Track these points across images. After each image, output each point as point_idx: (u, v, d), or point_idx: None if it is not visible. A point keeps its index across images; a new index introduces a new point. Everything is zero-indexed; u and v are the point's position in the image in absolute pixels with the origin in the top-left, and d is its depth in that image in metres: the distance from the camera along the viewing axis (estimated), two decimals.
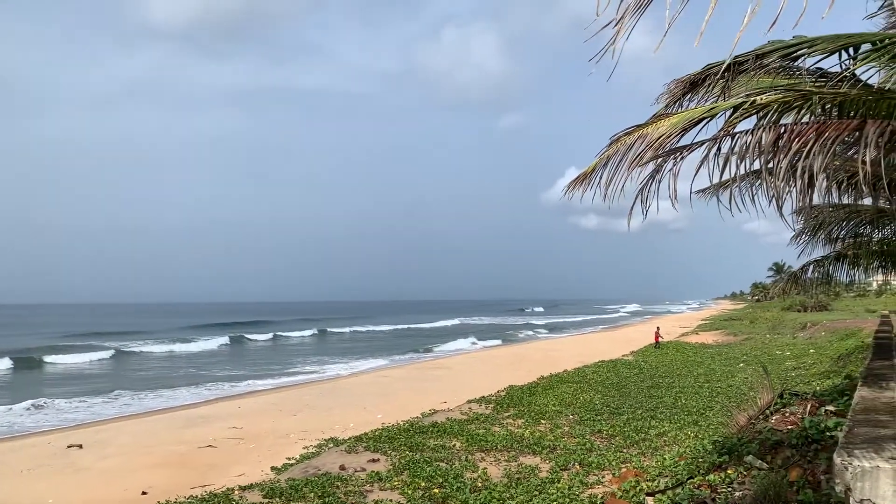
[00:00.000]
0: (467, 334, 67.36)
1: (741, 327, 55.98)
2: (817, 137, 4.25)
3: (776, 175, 4.41)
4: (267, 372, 36.42)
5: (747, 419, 11.63)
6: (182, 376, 35.13)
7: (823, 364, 25.00)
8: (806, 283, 17.15)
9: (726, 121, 5.23)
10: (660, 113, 6.29)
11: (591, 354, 35.58)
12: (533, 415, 17.25)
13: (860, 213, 12.94)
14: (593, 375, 25.39)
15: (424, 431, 15.15)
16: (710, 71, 5.93)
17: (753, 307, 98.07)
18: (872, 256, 15.23)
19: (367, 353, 47.67)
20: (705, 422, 15.98)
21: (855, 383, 11.52)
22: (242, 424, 19.12)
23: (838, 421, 9.14)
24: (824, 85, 5.78)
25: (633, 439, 14.33)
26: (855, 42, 5.45)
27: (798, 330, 46.21)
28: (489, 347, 52.16)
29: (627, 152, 5.24)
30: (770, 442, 9.47)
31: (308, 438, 16.49)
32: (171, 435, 18.14)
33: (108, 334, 71.34)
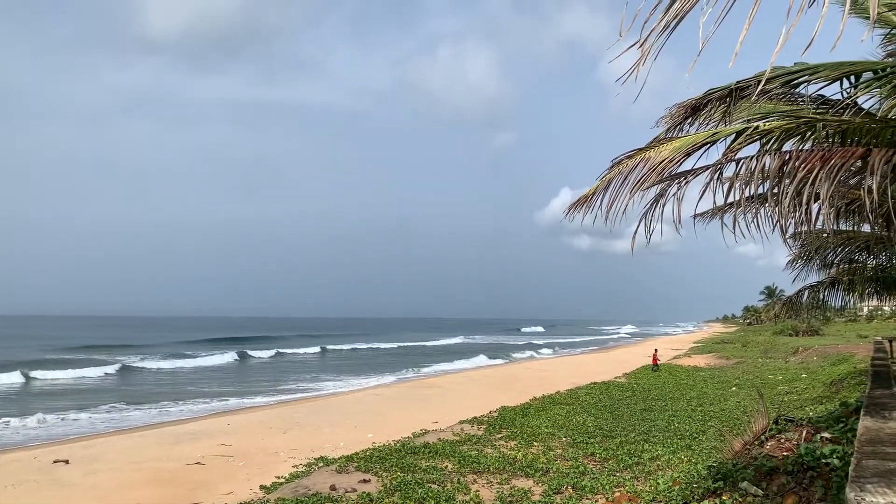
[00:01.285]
0: (475, 352, 67.19)
1: (733, 351, 55.96)
2: (823, 164, 4.23)
3: (782, 201, 4.39)
4: (259, 389, 36.15)
5: (742, 444, 11.56)
6: (171, 392, 34.80)
7: (816, 389, 24.97)
8: (800, 307, 17.19)
9: (728, 146, 5.23)
10: (661, 137, 6.29)
11: (584, 375, 35.46)
12: (526, 436, 17.11)
13: (856, 239, 12.99)
14: (586, 397, 25.27)
15: (416, 452, 15.00)
16: (711, 96, 5.93)
17: (745, 331, 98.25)
18: (867, 283, 15.28)
19: (371, 370, 47.38)
20: (699, 446, 15.89)
21: (850, 410, 11.48)
22: (232, 441, 18.91)
23: (834, 448, 9.08)
24: (826, 112, 5.79)
25: (626, 463, 14.22)
26: (857, 70, 5.46)
27: (790, 354, 46.20)
28: (492, 366, 51.86)
29: (629, 175, 5.22)
30: (765, 468, 9.39)
31: (298, 457, 16.30)
32: (159, 451, 17.91)
33: (96, 348, 70.71)
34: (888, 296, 17.84)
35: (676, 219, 5.03)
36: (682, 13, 2.61)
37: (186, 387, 37.41)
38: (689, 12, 2.61)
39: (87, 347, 71.03)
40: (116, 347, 72.33)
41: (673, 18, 2.64)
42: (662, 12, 2.60)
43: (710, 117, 6.08)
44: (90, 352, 63.96)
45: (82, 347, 71.21)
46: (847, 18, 2.63)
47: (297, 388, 36.75)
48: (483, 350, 74.09)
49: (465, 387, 33.75)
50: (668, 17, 2.61)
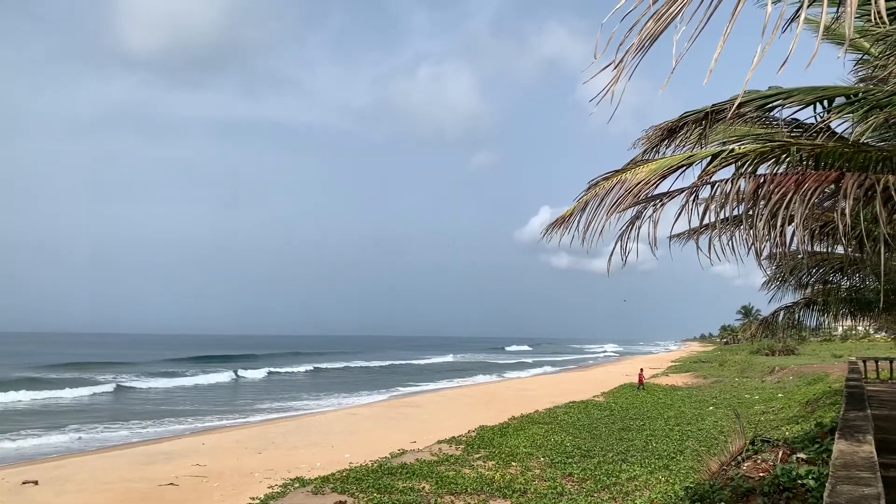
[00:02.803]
0: (468, 370, 66.84)
1: (710, 370, 56.27)
2: (797, 188, 4.27)
3: (756, 223, 4.41)
4: (235, 408, 35.70)
5: (719, 465, 11.58)
6: (145, 411, 34.25)
7: (792, 409, 25.15)
8: (776, 327, 17.34)
9: (704, 169, 5.26)
10: (637, 159, 6.33)
11: (562, 394, 35.44)
12: (504, 456, 17.03)
13: (830, 261, 13.14)
14: (564, 416, 25.25)
15: (393, 473, 14.86)
16: (687, 119, 5.99)
17: (722, 350, 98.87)
18: (841, 303, 15.45)
19: (360, 388, 46.98)
20: (676, 466, 15.90)
21: (825, 431, 11.55)
22: (206, 462, 18.61)
23: (810, 469, 9.12)
24: (800, 136, 5.86)
25: (604, 483, 14.19)
26: (829, 95, 5.54)
27: (766, 374, 46.56)
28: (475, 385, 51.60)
29: (606, 197, 5.23)
30: (742, 489, 9.41)
31: (273, 477, 16.07)
32: (131, 471, 17.59)
33: (70, 366, 69.39)
34: (862, 316, 18.05)
35: (652, 240, 5.05)
36: (655, 33, 2.62)
37: (163, 406, 36.85)
38: (662, 32, 2.62)
39: (65, 366, 69.64)
40: (97, 365, 70.97)
41: (646, 38, 2.65)
42: (637, 33, 2.61)
43: (686, 140, 6.14)
44: (59, 371, 62.65)
45: (60, 366, 69.80)
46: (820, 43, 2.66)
47: (279, 406, 36.33)
48: (476, 369, 73.93)
49: (444, 406, 33.59)
50: (641, 37, 2.62)
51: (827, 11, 2.71)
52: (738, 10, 2.18)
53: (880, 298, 14.10)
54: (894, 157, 4.73)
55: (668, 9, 2.41)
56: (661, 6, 2.41)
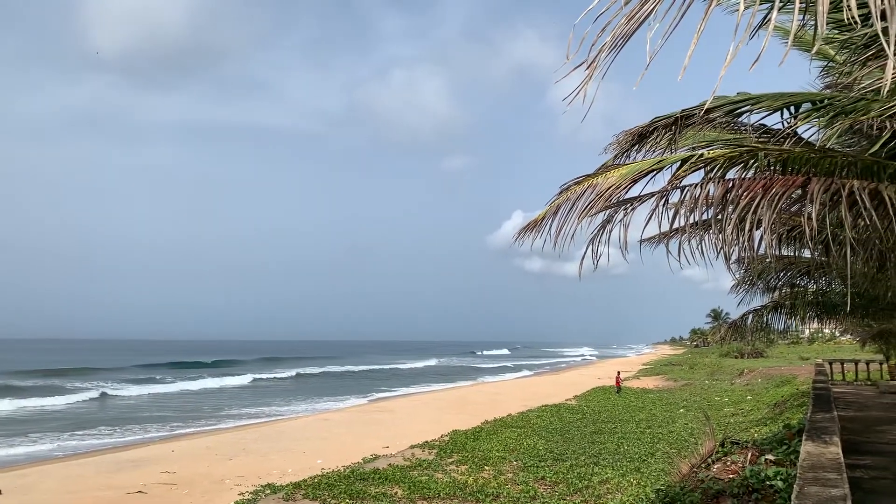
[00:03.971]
0: (451, 375, 66.51)
1: (681, 373, 56.84)
2: (765, 192, 4.31)
3: (725, 228, 4.45)
4: (206, 414, 35.23)
5: (689, 467, 11.68)
6: (117, 418, 33.67)
7: (761, 411, 25.48)
8: (745, 330, 17.56)
9: (674, 173, 5.30)
10: (608, 163, 6.36)
11: (535, 398, 35.56)
12: (476, 461, 17.02)
13: (797, 264, 13.34)
14: (537, 420, 25.32)
15: (365, 478, 14.78)
16: (657, 123, 6.03)
17: (692, 353, 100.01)
18: (808, 306, 15.69)
19: (340, 394, 46.57)
20: (647, 469, 16.01)
21: (793, 432, 11.71)
22: (176, 469, 18.34)
23: (778, 470, 9.23)
24: (768, 141, 5.93)
25: (576, 486, 14.23)
26: (796, 101, 5.61)
27: (735, 376, 47.14)
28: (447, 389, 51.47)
29: (577, 201, 5.25)
30: (712, 491, 9.50)
31: (244, 484, 15.88)
32: (99, 479, 17.26)
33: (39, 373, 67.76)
34: (828, 319, 18.36)
35: (623, 244, 5.07)
36: (628, 33, 2.63)
37: (136, 413, 36.22)
38: (635, 32, 2.62)
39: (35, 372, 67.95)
40: (68, 371, 69.38)
41: (619, 37, 2.65)
42: (610, 34, 2.61)
43: (657, 144, 6.18)
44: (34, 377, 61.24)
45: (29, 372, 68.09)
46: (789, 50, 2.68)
47: (252, 412, 35.92)
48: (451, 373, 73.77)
49: (418, 410, 33.50)
50: (614, 36, 2.63)
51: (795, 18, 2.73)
52: (711, 9, 2.19)
53: (846, 302, 14.35)
54: (859, 163, 4.81)
55: (640, 9, 2.41)
56: (634, 6, 2.42)
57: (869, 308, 15.41)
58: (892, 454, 10.94)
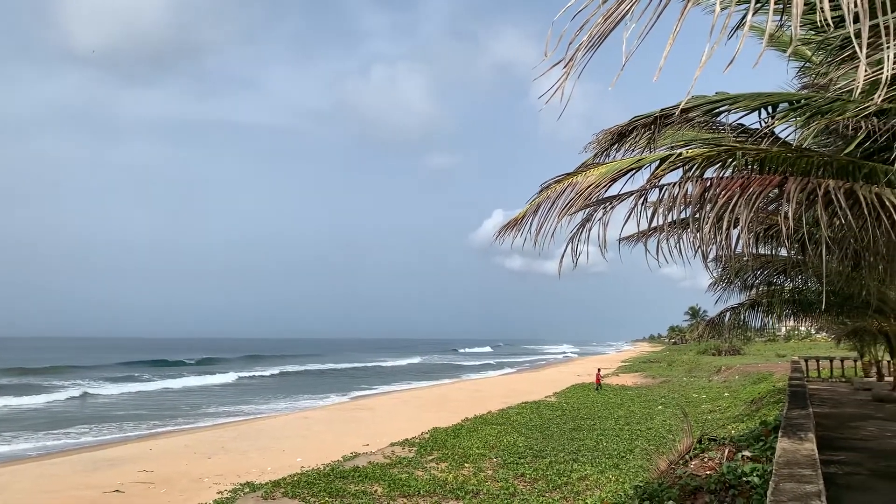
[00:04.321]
0: (431, 372, 66.25)
1: (659, 370, 57.27)
2: (742, 191, 4.35)
3: (702, 227, 4.49)
4: (185, 413, 34.94)
5: (667, 464, 11.77)
6: (91, 417, 33.27)
7: (738, 407, 25.73)
8: (722, 327, 17.73)
9: (652, 172, 5.33)
10: (588, 162, 6.38)
11: (515, 395, 35.66)
12: (457, 458, 17.04)
13: (773, 263, 13.48)
14: (517, 417, 25.39)
15: (345, 476, 14.74)
16: (637, 123, 6.06)
17: (671, 350, 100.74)
18: (785, 304, 15.87)
19: (320, 392, 46.29)
20: (626, 465, 16.11)
21: (769, 429, 11.84)
22: (153, 468, 18.18)
23: (754, 466, 9.32)
24: (745, 140, 5.98)
25: (555, 483, 14.30)
26: (774, 101, 5.66)
27: (713, 373, 47.59)
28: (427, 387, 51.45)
29: (557, 200, 5.26)
30: (690, 487, 9.57)
31: (223, 483, 15.78)
32: (76, 479, 17.07)
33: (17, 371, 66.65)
34: (804, 316, 18.60)
35: (602, 243, 5.09)
36: (604, 32, 2.63)
37: (115, 412, 35.79)
38: (612, 31, 2.63)
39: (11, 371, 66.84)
40: (49, 370, 68.25)
41: (596, 36, 2.66)
42: (587, 32, 2.62)
43: (636, 144, 6.22)
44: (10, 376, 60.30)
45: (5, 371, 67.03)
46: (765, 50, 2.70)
47: (232, 410, 35.66)
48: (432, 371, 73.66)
49: (398, 408, 33.48)
50: (591, 35, 2.63)
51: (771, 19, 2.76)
52: (687, 10, 2.20)
53: (822, 300, 14.54)
54: (835, 163, 4.86)
55: (616, 8, 2.42)
56: (611, 5, 2.43)
57: (844, 306, 15.63)
58: (865, 450, 11.11)
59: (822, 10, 1.90)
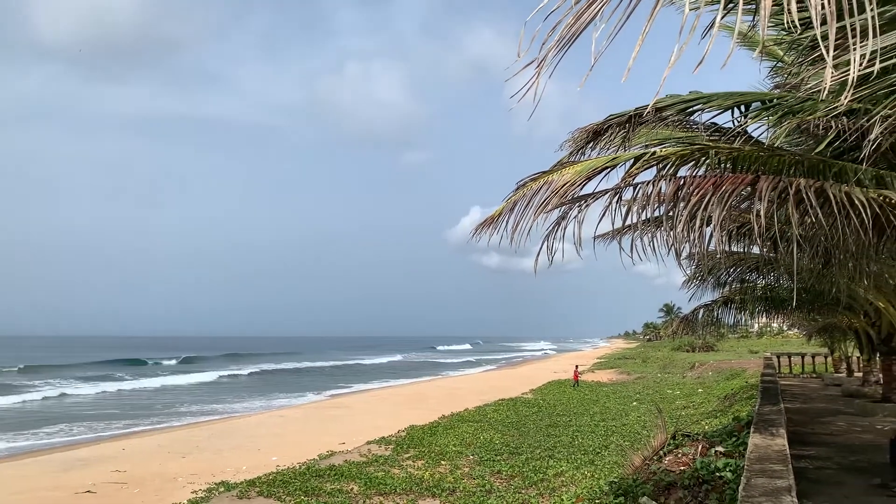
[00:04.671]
0: (409, 370, 66.11)
1: (634, 366, 57.72)
2: (715, 190, 4.40)
3: (676, 225, 4.53)
4: (158, 412, 34.57)
5: (642, 460, 11.86)
6: (63, 417, 32.76)
7: (711, 403, 26.01)
8: (696, 324, 17.92)
9: (627, 171, 5.37)
10: (564, 160, 6.41)
11: (492, 392, 35.75)
12: (433, 455, 17.04)
13: (746, 260, 13.64)
14: (494, 414, 25.46)
15: (321, 475, 14.68)
16: (612, 121, 6.10)
17: (646, 346, 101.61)
18: (757, 301, 16.07)
19: (296, 391, 45.95)
20: (601, 461, 16.22)
21: (741, 424, 11.98)
22: (126, 468, 17.97)
23: (727, 462, 9.43)
24: (719, 139, 6.04)
25: (531, 480, 14.35)
26: (746, 100, 5.73)
27: (687, 370, 48.08)
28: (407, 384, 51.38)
29: (533, 198, 5.28)
30: (664, 483, 9.66)
31: (197, 482, 15.64)
32: (45, 479, 16.82)
33: None
34: (776, 313, 18.87)
35: (577, 240, 5.12)
36: (575, 32, 2.64)
37: (87, 411, 35.26)
38: (582, 31, 2.64)
39: None
40: (26, 369, 66.98)
41: (567, 36, 2.67)
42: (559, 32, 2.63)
43: (611, 142, 6.26)
44: None
45: None
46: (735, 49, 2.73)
47: (207, 409, 35.33)
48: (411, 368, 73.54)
49: (375, 406, 33.41)
50: (562, 35, 2.64)
51: (742, 20, 2.78)
52: (657, 10, 2.21)
53: (793, 297, 14.74)
54: (806, 162, 4.93)
55: (587, 7, 2.43)
56: (582, 5, 2.43)
57: (815, 303, 15.87)
58: (835, 445, 11.29)
59: (789, 11, 1.92)
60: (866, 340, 21.24)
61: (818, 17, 2.01)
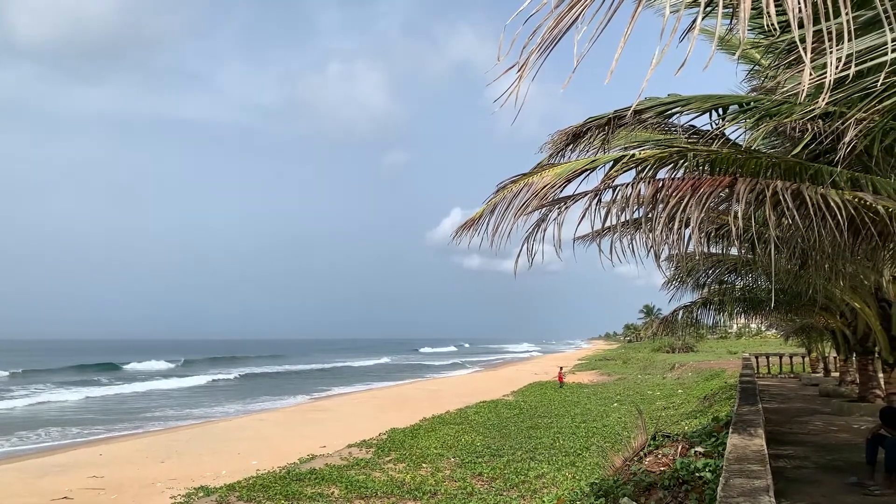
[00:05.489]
0: (391, 372, 65.94)
1: (615, 367, 58.03)
2: (693, 192, 4.43)
3: (654, 227, 4.55)
4: (135, 417, 34.20)
5: (622, 461, 11.92)
6: (39, 422, 32.33)
7: (691, 404, 26.21)
8: (676, 325, 18.04)
9: (606, 173, 5.39)
10: (543, 162, 6.42)
11: (473, 394, 35.75)
12: (414, 458, 17.01)
13: (724, 262, 13.76)
14: (475, 416, 25.47)
15: (301, 479, 14.60)
16: (591, 124, 6.12)
17: (626, 348, 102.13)
18: (736, 302, 16.21)
19: (280, 393, 45.55)
20: (582, 462, 16.27)
21: (720, 425, 12.08)
22: (104, 473, 17.75)
23: (707, 462, 9.51)
24: (697, 141, 6.09)
25: (513, 482, 14.37)
26: (724, 103, 5.77)
27: (667, 370, 48.41)
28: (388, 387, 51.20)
29: (514, 200, 5.28)
30: (644, 484, 9.71)
31: (176, 487, 15.49)
32: (21, 486, 16.57)
33: None
34: (754, 314, 19.05)
35: (557, 242, 5.13)
36: (556, 35, 2.64)
37: (66, 416, 34.77)
38: (564, 34, 2.64)
39: None
40: None
41: (548, 39, 2.66)
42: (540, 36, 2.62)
43: (591, 144, 6.28)
44: None
45: None
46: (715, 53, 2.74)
47: (183, 413, 34.97)
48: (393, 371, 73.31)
49: (356, 409, 33.29)
50: (543, 39, 2.64)
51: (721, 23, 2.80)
52: (638, 12, 2.22)
53: (771, 298, 14.89)
54: (782, 164, 4.97)
55: (568, 11, 2.43)
56: (563, 9, 2.43)
57: (792, 304, 16.04)
58: (812, 444, 11.41)
59: (768, 14, 1.94)
60: (843, 341, 21.51)
61: (795, 20, 2.02)
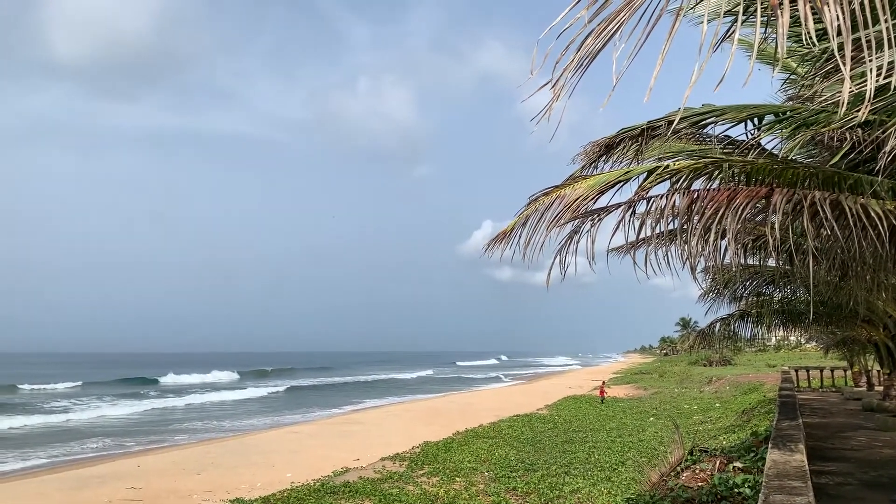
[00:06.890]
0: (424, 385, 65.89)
1: (651, 381, 57.28)
2: (729, 203, 4.37)
3: (689, 239, 4.50)
4: (171, 430, 34.64)
5: (659, 476, 11.75)
6: (79, 434, 32.92)
7: (729, 418, 25.74)
8: (713, 338, 17.78)
9: (640, 184, 5.34)
10: (576, 174, 6.39)
11: (507, 408, 35.57)
12: (448, 472, 16.95)
13: (762, 273, 13.54)
14: (509, 430, 25.31)
15: (335, 492, 14.63)
16: (624, 135, 6.08)
17: (662, 361, 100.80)
18: (774, 314, 15.93)
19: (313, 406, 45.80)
20: (618, 477, 16.07)
21: (760, 440, 11.85)
22: (142, 485, 17.99)
23: (746, 477, 9.32)
24: (732, 152, 6.02)
25: (547, 497, 14.23)
26: (760, 113, 5.69)
27: (704, 384, 47.64)
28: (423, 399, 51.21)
29: (546, 212, 5.26)
30: (681, 499, 9.55)
31: (212, 499, 15.64)
32: (61, 496, 16.87)
33: None
34: (793, 327, 18.69)
35: (590, 254, 5.10)
36: (594, 51, 2.63)
37: (89, 427, 35.38)
38: (601, 50, 2.63)
39: None
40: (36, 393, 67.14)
41: (585, 56, 2.65)
42: (574, 51, 2.61)
43: (624, 156, 6.24)
44: None
45: None
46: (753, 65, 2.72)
47: (218, 426, 35.35)
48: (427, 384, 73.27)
49: (387, 422, 33.29)
50: (579, 56, 2.63)
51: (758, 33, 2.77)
52: (675, 28, 2.21)
53: (810, 310, 14.60)
54: (820, 174, 4.89)
55: (606, 26, 2.42)
56: (600, 24, 2.43)
57: (832, 316, 15.70)
58: (856, 460, 11.12)
59: (806, 25, 1.91)
60: (886, 353, 20.95)
61: (833, 29, 1.99)
